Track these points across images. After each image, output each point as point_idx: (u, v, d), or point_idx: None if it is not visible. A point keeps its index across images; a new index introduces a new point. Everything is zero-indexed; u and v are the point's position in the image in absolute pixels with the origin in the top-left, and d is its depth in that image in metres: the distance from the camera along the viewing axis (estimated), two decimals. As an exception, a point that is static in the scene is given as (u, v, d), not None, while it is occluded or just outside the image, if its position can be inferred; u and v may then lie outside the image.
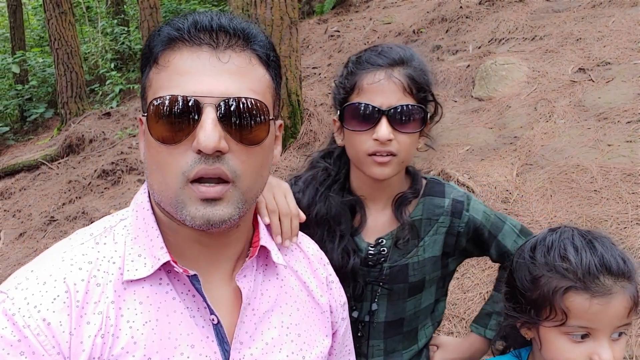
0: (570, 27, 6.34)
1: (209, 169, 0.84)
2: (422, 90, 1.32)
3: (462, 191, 1.49)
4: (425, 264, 1.44)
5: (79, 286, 0.86)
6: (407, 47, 1.38)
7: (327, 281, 1.17)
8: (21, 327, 0.80)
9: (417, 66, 1.33)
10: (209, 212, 0.85)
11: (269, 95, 0.93)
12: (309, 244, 1.21)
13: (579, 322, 1.16)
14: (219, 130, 0.84)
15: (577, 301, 1.15)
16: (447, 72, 6.40)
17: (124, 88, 11.41)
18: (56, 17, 9.96)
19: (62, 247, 0.92)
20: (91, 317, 0.85)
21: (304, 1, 11.64)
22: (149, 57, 0.91)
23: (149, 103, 0.87)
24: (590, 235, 1.22)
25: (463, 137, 5.07)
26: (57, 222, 6.17)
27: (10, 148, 11.14)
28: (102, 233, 0.95)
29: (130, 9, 15.54)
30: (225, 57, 0.86)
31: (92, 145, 8.52)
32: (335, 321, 1.17)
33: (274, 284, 1.05)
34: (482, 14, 7.76)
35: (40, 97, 13.29)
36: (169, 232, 0.95)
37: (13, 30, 13.82)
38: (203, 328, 0.92)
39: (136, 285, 0.90)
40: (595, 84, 5.09)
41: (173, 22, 0.89)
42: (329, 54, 9.02)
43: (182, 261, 0.94)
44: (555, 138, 4.50)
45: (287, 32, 5.55)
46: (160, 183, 0.88)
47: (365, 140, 1.31)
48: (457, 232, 1.45)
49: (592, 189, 3.74)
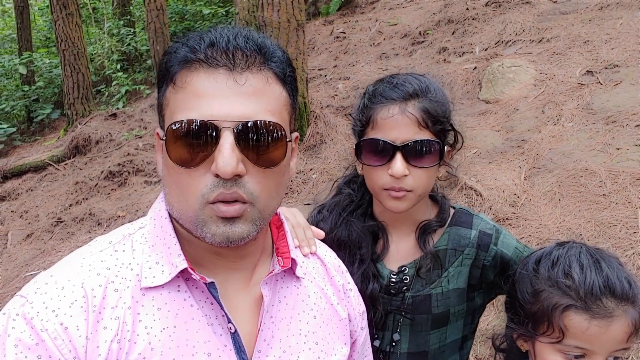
0: (577, 29, 6.32)
1: (226, 194, 0.85)
2: (438, 123, 1.29)
3: (491, 224, 1.45)
4: (449, 295, 1.40)
5: (97, 291, 0.87)
6: (423, 77, 1.35)
7: (345, 289, 1.16)
8: (39, 330, 0.81)
9: (433, 98, 1.30)
10: (228, 230, 0.87)
11: (285, 112, 0.94)
12: (326, 251, 1.21)
13: (576, 342, 1.14)
14: (237, 154, 0.85)
15: (576, 320, 1.14)
16: (453, 74, 6.39)
17: (130, 89, 11.44)
18: (63, 19, 9.99)
19: (81, 254, 0.94)
20: (108, 322, 0.86)
21: (309, 2, 11.64)
22: (165, 75, 0.92)
23: (167, 127, 0.88)
24: (598, 254, 1.20)
25: (470, 140, 5.06)
26: (64, 223, 6.19)
27: (17, 149, 11.18)
28: (120, 241, 0.96)
29: (136, 10, 15.58)
30: (242, 78, 0.87)
31: (98, 147, 8.54)
32: (354, 330, 1.17)
33: (291, 291, 1.05)
34: (489, 15, 7.74)
35: (47, 98, 13.35)
36: (186, 242, 0.96)
37: (20, 32, 13.88)
38: (221, 336, 0.93)
39: (154, 292, 0.91)
40: (604, 86, 5.07)
41: (189, 42, 0.89)
42: (334, 55, 9.02)
43: (200, 270, 0.95)
44: (563, 141, 4.49)
45: (293, 35, 5.55)
46: (179, 202, 0.89)
47: (381, 175, 1.30)
48: (482, 265, 1.41)
49: (601, 193, 3.72)
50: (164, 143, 0.89)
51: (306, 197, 5.16)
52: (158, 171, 0.97)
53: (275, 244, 1.09)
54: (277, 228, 1.11)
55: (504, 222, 3.74)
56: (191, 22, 13.46)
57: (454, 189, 4.27)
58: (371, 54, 8.42)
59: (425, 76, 1.37)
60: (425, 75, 1.37)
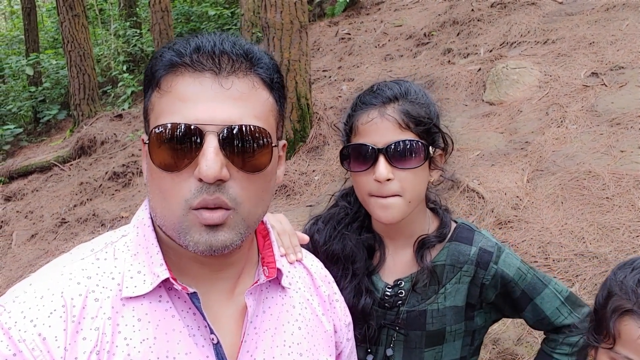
0: (583, 30, 6.28)
1: (209, 200, 0.84)
2: (421, 124, 1.27)
3: (493, 241, 1.39)
4: (446, 313, 1.36)
5: (76, 301, 0.85)
6: (403, 82, 1.34)
7: (330, 299, 1.14)
8: (17, 341, 0.80)
9: (414, 99, 1.29)
10: (211, 238, 0.85)
11: (272, 118, 0.93)
12: (312, 261, 1.19)
13: (626, 350, 1.08)
14: (221, 158, 0.83)
15: (630, 327, 1.08)
16: (457, 76, 6.36)
17: (135, 90, 11.49)
18: (69, 20, 10.06)
19: (62, 262, 0.92)
20: (87, 332, 0.84)
21: (314, 4, 11.64)
22: (151, 80, 0.90)
23: (150, 130, 0.87)
24: None
25: (473, 141, 5.03)
26: (68, 224, 6.22)
27: (24, 149, 11.26)
28: (102, 249, 0.94)
29: (143, 11, 15.65)
30: (228, 83, 0.85)
31: (103, 147, 8.58)
32: (340, 341, 1.15)
33: (276, 301, 1.04)
34: (494, 17, 7.70)
35: (54, 98, 13.44)
36: (169, 250, 0.94)
37: (27, 33, 13.98)
38: (203, 347, 0.91)
39: (135, 302, 0.89)
40: (608, 88, 5.03)
41: (175, 46, 0.88)
42: (339, 56, 9.02)
43: (183, 279, 0.93)
44: (567, 144, 4.45)
45: (296, 36, 5.55)
46: (163, 208, 0.88)
47: (367, 181, 1.28)
48: (481, 283, 1.36)
49: (604, 196, 3.69)
50: (147, 147, 0.88)
51: (308, 198, 5.15)
52: (144, 178, 0.95)
53: (260, 253, 1.07)
54: (263, 237, 1.09)
55: (506, 225, 3.72)
56: (197, 23, 13.51)
57: (456, 192, 4.25)
58: (376, 55, 8.40)
59: (406, 80, 1.35)
60: (407, 80, 1.36)
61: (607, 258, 3.16)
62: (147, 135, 0.90)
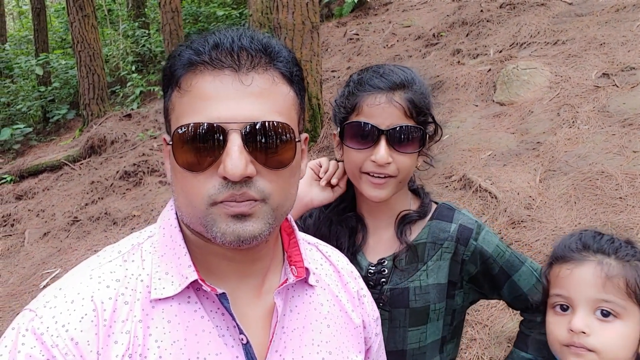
0: (593, 31, 6.28)
1: (237, 195, 0.84)
2: (422, 114, 1.34)
3: (473, 219, 1.45)
4: (429, 290, 1.40)
5: (107, 304, 0.85)
6: (408, 69, 1.39)
7: (359, 295, 1.14)
8: (49, 346, 0.80)
9: (418, 90, 1.34)
10: (239, 228, 0.85)
11: (293, 112, 0.92)
12: (338, 257, 1.19)
13: (555, 289, 1.21)
14: (245, 156, 0.83)
15: (555, 270, 1.23)
16: (467, 76, 6.38)
17: (144, 90, 11.55)
18: (79, 20, 10.12)
19: (90, 265, 0.92)
20: (119, 336, 0.84)
21: (323, 4, 11.67)
22: (170, 79, 0.90)
23: (173, 131, 0.87)
24: (619, 234, 1.26)
25: (485, 142, 5.05)
26: (80, 222, 6.27)
27: (34, 148, 11.33)
28: (129, 250, 0.94)
29: (151, 11, 15.72)
30: (248, 79, 0.85)
31: (113, 147, 8.63)
32: (369, 336, 1.15)
33: (303, 300, 1.03)
34: (503, 17, 7.71)
35: (63, 98, 13.51)
36: (196, 249, 0.94)
37: (37, 33, 14.06)
38: (232, 348, 0.91)
39: (164, 304, 0.89)
40: (620, 89, 5.03)
41: (193, 45, 0.87)
42: (348, 57, 9.04)
43: (210, 278, 0.94)
44: (579, 144, 4.46)
45: (308, 37, 5.58)
46: (187, 206, 0.88)
47: (363, 158, 1.33)
48: (462, 259, 1.41)
49: (617, 196, 3.70)
50: (170, 148, 0.87)
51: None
52: (167, 178, 0.95)
53: (286, 251, 1.06)
54: (288, 235, 1.08)
55: (519, 224, 3.73)
56: (205, 23, 13.56)
57: (469, 191, 4.27)
58: (384, 56, 8.42)
59: (410, 69, 1.39)
60: (410, 68, 1.40)
61: (622, 257, 3.17)
62: (169, 136, 0.90)
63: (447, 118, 5.73)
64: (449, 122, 5.63)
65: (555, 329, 1.20)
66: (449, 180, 4.57)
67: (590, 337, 1.13)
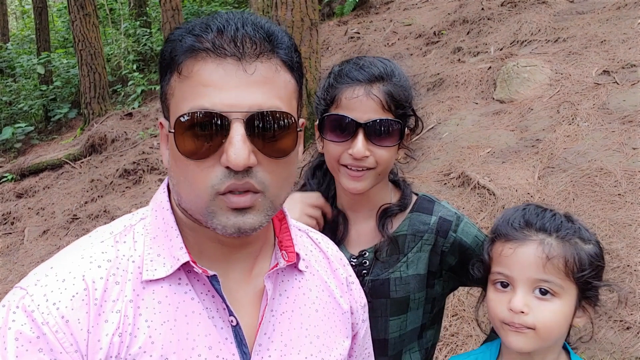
0: (594, 29, 6.25)
1: (238, 184, 0.84)
2: (400, 107, 1.33)
3: (453, 211, 1.46)
4: (409, 281, 1.42)
5: (98, 284, 0.86)
6: (389, 61, 1.38)
7: (347, 282, 1.15)
8: (40, 323, 0.80)
9: (397, 82, 1.33)
10: (239, 221, 0.85)
11: (294, 100, 0.93)
12: (328, 244, 1.20)
13: (496, 267, 1.24)
14: (248, 145, 0.83)
15: (497, 247, 1.25)
16: (468, 74, 6.36)
17: (145, 89, 11.57)
18: (80, 19, 10.15)
19: (82, 245, 0.92)
20: (109, 315, 0.85)
21: (324, 3, 11.67)
22: (170, 63, 0.89)
23: (175, 118, 0.86)
24: (558, 213, 1.28)
25: (484, 139, 5.03)
26: (79, 220, 6.28)
27: (35, 147, 11.36)
28: (122, 232, 0.94)
29: (153, 11, 15.75)
30: (252, 68, 0.84)
31: (114, 145, 8.65)
32: (356, 323, 1.16)
33: (292, 284, 1.04)
34: (504, 15, 7.68)
35: (64, 97, 13.54)
36: (188, 231, 0.95)
37: (38, 32, 14.11)
38: (222, 329, 0.92)
39: (155, 285, 0.90)
40: (620, 86, 5.01)
41: (195, 31, 0.86)
42: (348, 55, 9.02)
43: (202, 260, 0.94)
44: (578, 141, 4.44)
45: (307, 34, 5.57)
46: (188, 194, 0.88)
47: (341, 151, 1.33)
48: (441, 251, 1.43)
49: (616, 193, 3.68)
50: (171, 135, 0.87)
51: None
52: (164, 162, 0.94)
53: (277, 236, 1.07)
54: (279, 220, 1.09)
55: (517, 221, 3.71)
56: (206, 22, 13.55)
57: (467, 188, 4.25)
58: (385, 54, 8.40)
59: (391, 61, 1.38)
60: (391, 60, 1.39)
61: (619, 254, 3.15)
62: (167, 121, 0.90)
63: (447, 116, 5.72)
64: (449, 120, 5.62)
65: (496, 306, 1.23)
66: (447, 178, 4.55)
67: (529, 316, 1.17)
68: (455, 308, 3.25)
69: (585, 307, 1.23)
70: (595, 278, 1.21)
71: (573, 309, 1.21)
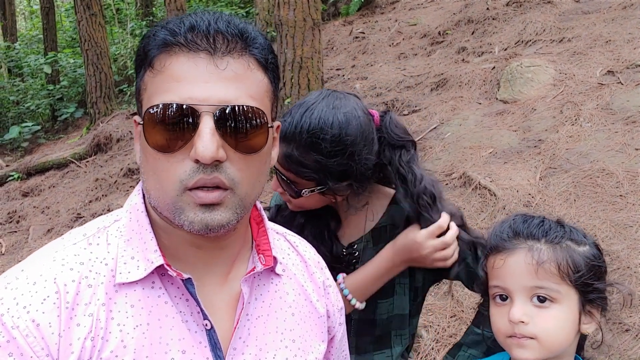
0: (599, 29, 6.21)
1: (207, 179, 0.83)
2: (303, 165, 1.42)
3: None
4: None
5: (70, 287, 0.84)
6: (308, 107, 1.42)
7: (324, 285, 1.14)
8: (10, 327, 0.79)
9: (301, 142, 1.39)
10: (207, 217, 0.85)
11: (267, 99, 0.92)
12: (305, 247, 1.19)
13: (492, 281, 1.22)
14: (217, 139, 0.83)
15: (490, 261, 1.24)
16: (471, 74, 6.33)
17: (151, 89, 11.57)
18: (87, 19, 10.19)
19: (54, 247, 0.91)
20: (81, 318, 0.83)
21: (330, 2, 11.66)
22: (143, 59, 0.89)
23: (145, 110, 0.86)
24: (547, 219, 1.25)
25: (486, 139, 5.00)
26: (83, 219, 6.32)
27: (42, 146, 11.44)
28: (95, 234, 0.93)
29: (159, 11, 15.78)
30: (223, 63, 0.84)
31: (119, 145, 8.70)
32: (333, 326, 1.15)
33: (269, 288, 1.03)
34: (509, 15, 7.65)
35: (71, 97, 13.62)
36: (163, 234, 0.94)
37: (46, 32, 14.20)
38: (196, 333, 0.91)
39: (128, 288, 0.88)
40: (624, 86, 4.97)
41: (169, 25, 0.86)
42: (353, 55, 9.02)
43: (177, 264, 0.93)
44: (581, 142, 4.41)
45: (309, 34, 5.56)
46: (157, 189, 0.87)
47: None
48: None
49: (618, 194, 3.65)
50: (141, 128, 0.87)
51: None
52: (136, 159, 0.94)
53: (255, 240, 1.06)
54: (257, 224, 1.08)
55: (518, 222, 3.69)
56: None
57: (468, 189, 4.24)
58: (390, 54, 8.39)
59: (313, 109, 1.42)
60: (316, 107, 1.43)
61: (620, 255, 3.12)
62: (140, 117, 0.89)
63: (450, 116, 5.69)
64: (452, 120, 5.60)
65: (498, 320, 1.20)
66: (449, 178, 4.54)
67: (529, 325, 1.14)
68: (454, 309, 3.25)
69: (592, 311, 1.18)
70: (595, 279, 1.17)
71: (577, 314, 1.17)
